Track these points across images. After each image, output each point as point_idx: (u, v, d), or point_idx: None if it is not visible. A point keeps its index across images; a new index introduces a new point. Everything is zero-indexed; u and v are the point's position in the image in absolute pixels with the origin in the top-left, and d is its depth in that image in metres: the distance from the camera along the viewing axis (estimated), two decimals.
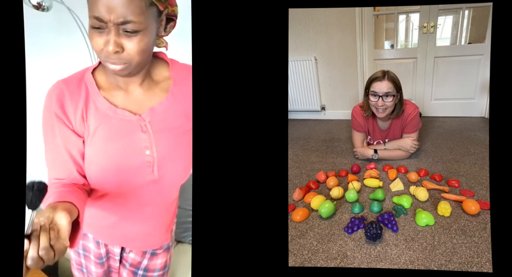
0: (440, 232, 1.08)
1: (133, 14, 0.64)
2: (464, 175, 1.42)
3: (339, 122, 2.23)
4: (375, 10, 2.21)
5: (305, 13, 2.18)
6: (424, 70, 2.20)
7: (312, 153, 1.77)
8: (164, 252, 1.01)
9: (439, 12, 2.15)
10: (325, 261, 1.01)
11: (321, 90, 2.32)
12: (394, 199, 1.28)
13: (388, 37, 2.39)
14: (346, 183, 1.42)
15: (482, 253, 0.98)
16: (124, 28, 0.64)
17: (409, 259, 0.99)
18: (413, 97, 2.21)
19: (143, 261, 0.98)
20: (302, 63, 2.23)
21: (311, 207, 1.25)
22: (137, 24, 0.64)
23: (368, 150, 1.63)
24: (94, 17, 0.64)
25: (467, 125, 2.04)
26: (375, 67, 2.21)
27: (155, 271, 0.99)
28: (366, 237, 1.07)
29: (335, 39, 2.21)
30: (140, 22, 0.65)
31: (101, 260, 0.96)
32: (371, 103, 1.54)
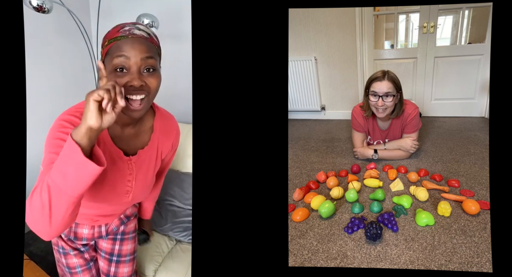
0: (440, 232, 1.08)
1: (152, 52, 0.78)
2: (464, 175, 1.42)
3: (339, 122, 2.24)
4: (375, 10, 2.21)
5: (305, 13, 2.18)
6: (424, 70, 2.20)
7: (312, 153, 1.77)
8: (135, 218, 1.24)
9: (439, 12, 2.15)
10: (325, 261, 1.01)
11: (321, 90, 2.32)
12: (394, 199, 1.28)
13: (388, 37, 2.39)
14: (346, 183, 1.42)
15: (482, 253, 0.98)
16: (146, 65, 0.77)
17: (409, 259, 0.99)
18: (413, 97, 2.22)
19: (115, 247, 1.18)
20: (302, 63, 2.23)
21: (311, 207, 1.25)
22: (154, 60, 0.78)
23: (368, 150, 1.64)
24: (118, 57, 0.75)
25: (467, 125, 2.04)
26: (375, 67, 2.21)
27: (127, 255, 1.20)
28: (366, 237, 1.07)
29: (335, 39, 2.21)
30: (156, 59, 0.79)
31: (81, 249, 1.13)
32: (371, 103, 1.54)
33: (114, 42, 0.77)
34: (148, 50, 0.77)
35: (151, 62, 0.77)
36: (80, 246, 1.12)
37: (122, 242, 1.19)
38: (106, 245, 1.17)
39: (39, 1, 1.45)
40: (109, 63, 0.77)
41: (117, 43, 0.76)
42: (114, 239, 1.18)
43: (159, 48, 0.84)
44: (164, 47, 0.87)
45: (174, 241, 1.55)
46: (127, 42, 0.76)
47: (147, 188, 1.04)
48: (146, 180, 1.00)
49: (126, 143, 0.92)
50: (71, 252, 1.11)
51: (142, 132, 0.95)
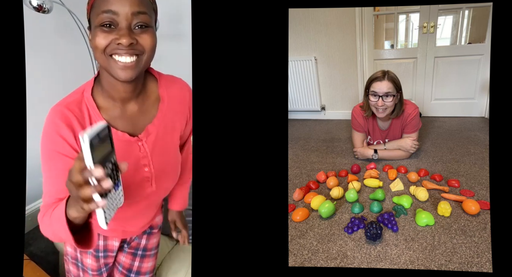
0: (440, 232, 1.08)
1: (145, 6, 0.66)
2: (464, 175, 1.42)
3: (339, 122, 2.24)
4: (375, 10, 2.21)
5: (305, 13, 2.18)
6: (424, 70, 2.20)
7: (312, 153, 1.77)
8: (158, 231, 1.11)
9: (439, 12, 2.15)
10: (325, 261, 1.01)
11: (321, 90, 2.32)
12: (394, 199, 1.28)
13: (388, 37, 2.39)
14: (346, 183, 1.42)
15: (482, 253, 0.98)
16: (137, 21, 0.65)
17: (409, 259, 0.99)
18: (413, 97, 2.22)
19: (134, 263, 1.06)
20: (302, 63, 2.23)
21: (311, 207, 1.25)
22: (148, 16, 0.67)
23: (368, 150, 1.64)
24: (104, 12, 0.64)
25: (467, 125, 2.04)
26: (375, 67, 2.21)
27: (146, 274, 1.08)
28: (366, 237, 1.07)
29: (335, 39, 2.21)
30: (150, 15, 0.68)
31: (97, 253, 0.99)
32: (371, 103, 1.54)
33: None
34: (140, 3, 0.65)
35: (143, 18, 0.66)
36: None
37: (142, 258, 1.07)
38: (125, 259, 1.06)
39: (39, 1, 1.44)
40: (94, 19, 0.66)
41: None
42: (134, 254, 1.06)
43: (155, 3, 0.73)
44: (164, 47, 0.87)
45: (174, 241, 1.55)
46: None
47: (173, 171, 0.89)
48: (168, 160, 0.85)
49: (130, 122, 0.78)
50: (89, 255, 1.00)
51: (148, 106, 0.81)
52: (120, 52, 0.65)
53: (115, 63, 0.66)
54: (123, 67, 0.66)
